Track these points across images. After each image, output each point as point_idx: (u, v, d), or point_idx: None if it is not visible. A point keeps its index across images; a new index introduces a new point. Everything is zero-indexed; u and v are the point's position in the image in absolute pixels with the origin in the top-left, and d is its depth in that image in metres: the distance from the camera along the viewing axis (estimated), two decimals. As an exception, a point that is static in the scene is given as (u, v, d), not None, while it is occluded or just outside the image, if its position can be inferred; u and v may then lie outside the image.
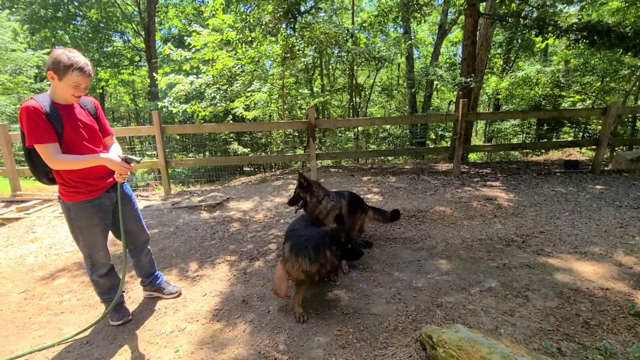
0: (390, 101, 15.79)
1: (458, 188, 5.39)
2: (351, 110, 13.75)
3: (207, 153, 10.91)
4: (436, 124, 14.60)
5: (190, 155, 11.17)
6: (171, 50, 8.26)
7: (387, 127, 11.75)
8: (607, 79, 10.16)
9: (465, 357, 1.53)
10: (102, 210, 2.27)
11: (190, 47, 8.46)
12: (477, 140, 14.43)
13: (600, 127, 6.41)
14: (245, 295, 2.75)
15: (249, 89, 9.25)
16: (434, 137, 13.50)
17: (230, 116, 10.05)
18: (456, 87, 7.73)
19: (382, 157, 9.34)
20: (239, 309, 2.58)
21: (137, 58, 21.14)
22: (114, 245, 3.34)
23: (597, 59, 9.90)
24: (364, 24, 11.18)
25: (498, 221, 4.04)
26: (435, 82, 13.55)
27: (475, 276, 2.84)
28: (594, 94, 10.57)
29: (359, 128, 11.99)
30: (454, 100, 11.32)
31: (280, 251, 3.46)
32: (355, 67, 12.59)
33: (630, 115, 9.55)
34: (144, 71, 21.76)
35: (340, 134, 12.18)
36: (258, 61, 8.32)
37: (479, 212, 4.34)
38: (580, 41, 6.32)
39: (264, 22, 6.54)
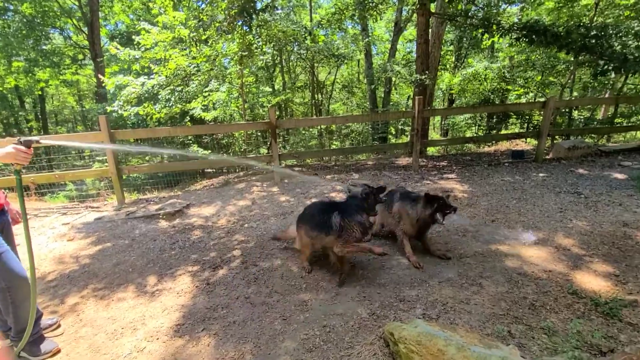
0: (351, 98, 16.02)
1: (418, 182, 5.61)
2: (314, 108, 13.79)
3: (164, 157, 10.40)
4: (396, 121, 15.09)
5: (147, 159, 10.59)
6: (118, 49, 7.73)
7: (350, 124, 11.92)
8: (546, 73, 11.08)
9: (424, 351, 1.60)
10: None
11: (139, 45, 7.97)
12: (434, 133, 15.11)
13: (541, 119, 6.99)
14: (208, 306, 2.67)
15: (206, 89, 8.93)
16: (394, 132, 13.92)
17: (188, 118, 9.65)
18: (412, 84, 8.01)
19: (345, 155, 9.47)
20: (203, 322, 2.50)
21: (80, 56, 19.52)
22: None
23: (537, 55, 10.76)
24: (321, 22, 11.24)
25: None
26: (393, 79, 13.96)
27: (435, 268, 2.98)
28: (535, 88, 11.49)
29: (322, 126, 12.06)
30: (412, 95, 11.74)
31: (246, 257, 3.40)
32: (315, 64, 12.62)
33: (566, 108, 10.50)
34: (89, 70, 20.15)
35: (304, 132, 12.17)
36: (214, 60, 8.03)
37: (437, 205, 4.54)
38: (521, 39, 6.82)
39: (218, 21, 6.32)
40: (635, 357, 1.46)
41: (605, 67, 6.33)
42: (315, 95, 13.11)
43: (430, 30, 8.50)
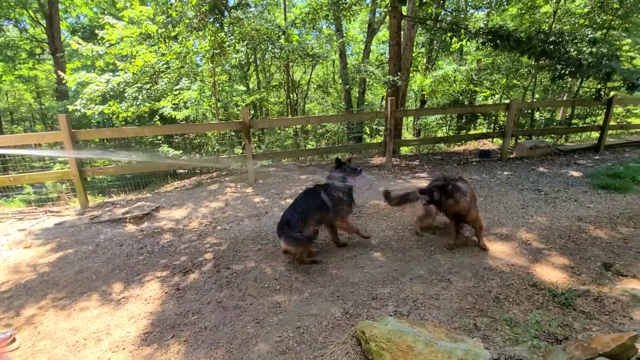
0: (326, 98, 16.09)
1: (391, 181, 5.72)
2: (289, 107, 13.72)
3: (133, 157, 9.95)
4: (371, 121, 15.32)
5: (114, 160, 10.09)
6: (80, 44, 7.31)
7: (325, 123, 11.97)
8: (511, 76, 11.67)
9: (394, 348, 1.64)
10: None
11: (103, 40, 7.58)
12: (407, 133, 15.48)
13: (505, 120, 7.34)
14: (178, 312, 2.59)
15: (176, 87, 8.64)
16: (369, 131, 14.13)
17: (158, 117, 9.30)
18: (385, 84, 8.16)
19: (320, 155, 9.50)
20: (172, 329, 2.42)
21: (38, 50, 18.30)
22: None
23: (502, 59, 11.29)
24: (295, 21, 11.20)
25: (425, 211, 4.39)
26: (367, 79, 14.19)
27: (406, 265, 3.06)
28: (500, 90, 12.06)
29: (297, 126, 12.03)
30: (386, 95, 11.96)
31: (218, 260, 3.33)
32: (290, 64, 12.56)
33: (528, 110, 11.13)
34: (48, 65, 18.93)
35: (279, 132, 12.08)
36: (185, 57, 7.79)
37: (409, 204, 4.66)
38: (487, 44, 7.12)
39: (188, 17, 6.13)
40: (586, 344, 1.57)
41: (562, 71, 6.74)
42: (291, 95, 13.05)
43: (402, 32, 8.70)
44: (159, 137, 9.21)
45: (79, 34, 15.28)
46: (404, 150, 10.74)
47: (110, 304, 2.76)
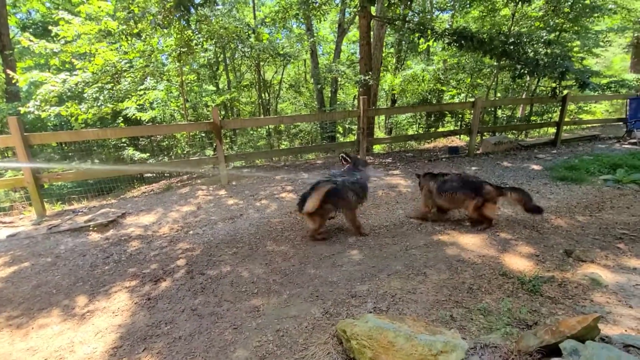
0: (299, 97, 16.03)
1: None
2: (261, 107, 13.53)
3: (95, 161, 9.38)
4: (343, 120, 15.43)
5: (74, 164, 9.46)
6: (31, 41, 6.77)
7: (298, 123, 11.92)
8: (475, 76, 12.21)
9: (376, 344, 1.63)
10: None
11: (58, 37, 7.07)
12: (379, 132, 15.78)
13: (471, 117, 7.67)
14: (150, 323, 2.46)
15: (141, 87, 8.26)
16: (342, 131, 14.24)
17: (121, 118, 8.84)
18: (357, 84, 8.24)
19: (294, 155, 9.44)
20: (144, 341, 2.29)
21: (-17, 48, 16.79)
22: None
23: (466, 60, 11.79)
24: (265, 19, 11.06)
25: (400, 207, 4.48)
26: (339, 79, 14.29)
27: (383, 262, 3.09)
28: (466, 89, 12.59)
29: (270, 126, 11.89)
30: (358, 95, 12.11)
31: (192, 266, 3.20)
32: (261, 63, 12.38)
33: (492, 108, 11.72)
34: (-4, 64, 17.42)
35: (252, 132, 11.88)
36: (150, 56, 7.44)
37: (384, 200, 4.74)
38: (452, 44, 7.40)
39: (151, 13, 5.86)
40: (554, 327, 1.65)
41: (522, 70, 7.14)
42: (262, 95, 12.87)
43: (372, 32, 8.84)
44: (124, 140, 8.74)
45: (30, 30, 14.22)
46: (377, 148, 10.93)
47: (74, 319, 2.57)
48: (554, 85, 8.91)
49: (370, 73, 8.04)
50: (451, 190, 3.64)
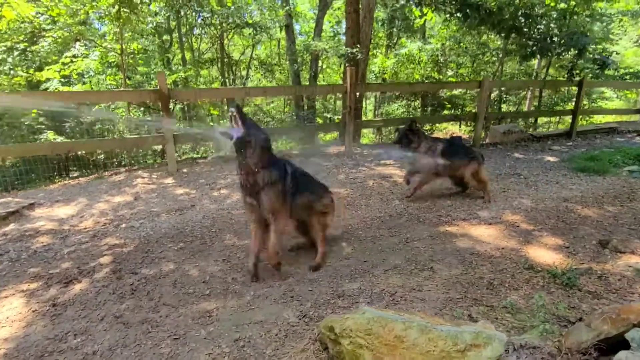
0: (272, 80, 15.73)
1: (352, 168, 5.57)
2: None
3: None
4: (324, 108, 15.27)
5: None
6: None
7: (269, 109, 11.61)
8: (477, 61, 12.46)
9: (377, 342, 1.37)
10: None
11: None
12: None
13: (474, 109, 7.69)
14: (52, 335, 2.06)
15: (67, 54, 7.66)
16: (321, 121, 14.07)
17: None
18: (342, 58, 8.10)
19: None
20: (40, 359, 1.90)
21: None
22: None
23: (467, 42, 11.99)
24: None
25: (395, 197, 4.28)
26: (320, 62, 14.15)
27: (378, 256, 2.86)
28: (467, 77, 12.82)
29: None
30: (341, 78, 11.98)
31: (120, 264, 2.81)
32: (225, 35, 12.02)
33: (496, 100, 11.96)
34: None
35: (210, 109, 11.26)
36: (78, 12, 6.93)
37: (376, 191, 4.54)
38: (455, 14, 7.42)
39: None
40: (614, 315, 1.46)
41: (533, 47, 7.26)
42: (226, 74, 12.47)
43: (360, 2, 8.75)
44: (40, 120, 7.90)
45: None
46: (365, 141, 10.82)
47: (-61, 333, 2.12)
48: (568, 68, 9.15)
49: (358, 46, 7.91)
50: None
